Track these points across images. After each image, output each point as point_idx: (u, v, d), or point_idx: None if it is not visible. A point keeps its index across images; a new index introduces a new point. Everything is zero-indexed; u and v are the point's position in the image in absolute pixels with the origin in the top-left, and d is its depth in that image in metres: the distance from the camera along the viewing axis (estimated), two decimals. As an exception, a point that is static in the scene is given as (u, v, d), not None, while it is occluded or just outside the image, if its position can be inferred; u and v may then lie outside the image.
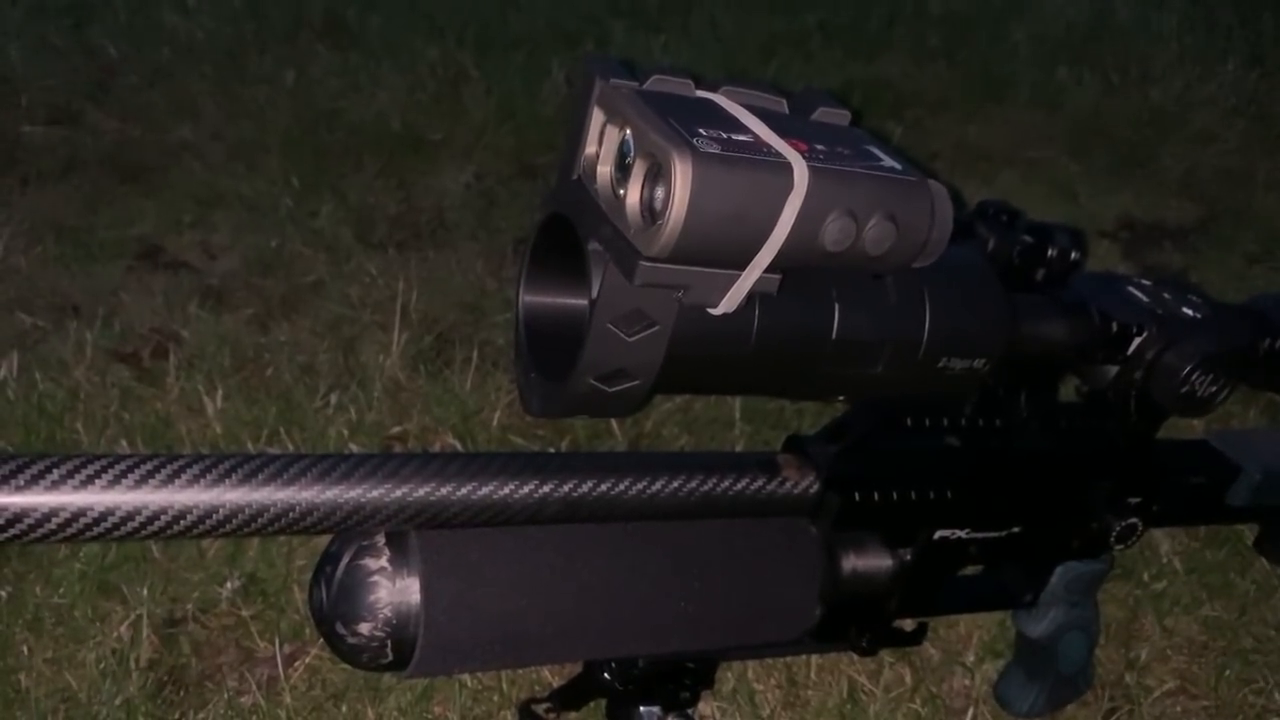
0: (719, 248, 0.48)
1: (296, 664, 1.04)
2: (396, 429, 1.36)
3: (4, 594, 1.09)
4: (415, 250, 1.77)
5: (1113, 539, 0.78)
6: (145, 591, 1.09)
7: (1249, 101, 2.40)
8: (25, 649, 1.04)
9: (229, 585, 1.12)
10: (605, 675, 0.76)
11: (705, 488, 0.64)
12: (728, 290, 0.50)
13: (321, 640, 1.03)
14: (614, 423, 1.37)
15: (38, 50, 2.30)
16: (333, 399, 1.38)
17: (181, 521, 0.53)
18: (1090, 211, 2.00)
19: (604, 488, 0.61)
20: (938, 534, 0.72)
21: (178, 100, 2.17)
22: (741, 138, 0.48)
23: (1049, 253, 0.70)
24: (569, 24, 2.52)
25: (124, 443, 1.29)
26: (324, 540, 0.59)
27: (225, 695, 1.01)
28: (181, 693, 1.03)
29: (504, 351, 1.52)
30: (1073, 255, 0.71)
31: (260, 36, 2.40)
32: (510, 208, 1.91)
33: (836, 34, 2.60)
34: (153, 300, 1.59)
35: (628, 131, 0.50)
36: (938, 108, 2.35)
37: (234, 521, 0.54)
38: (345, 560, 0.59)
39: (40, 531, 0.50)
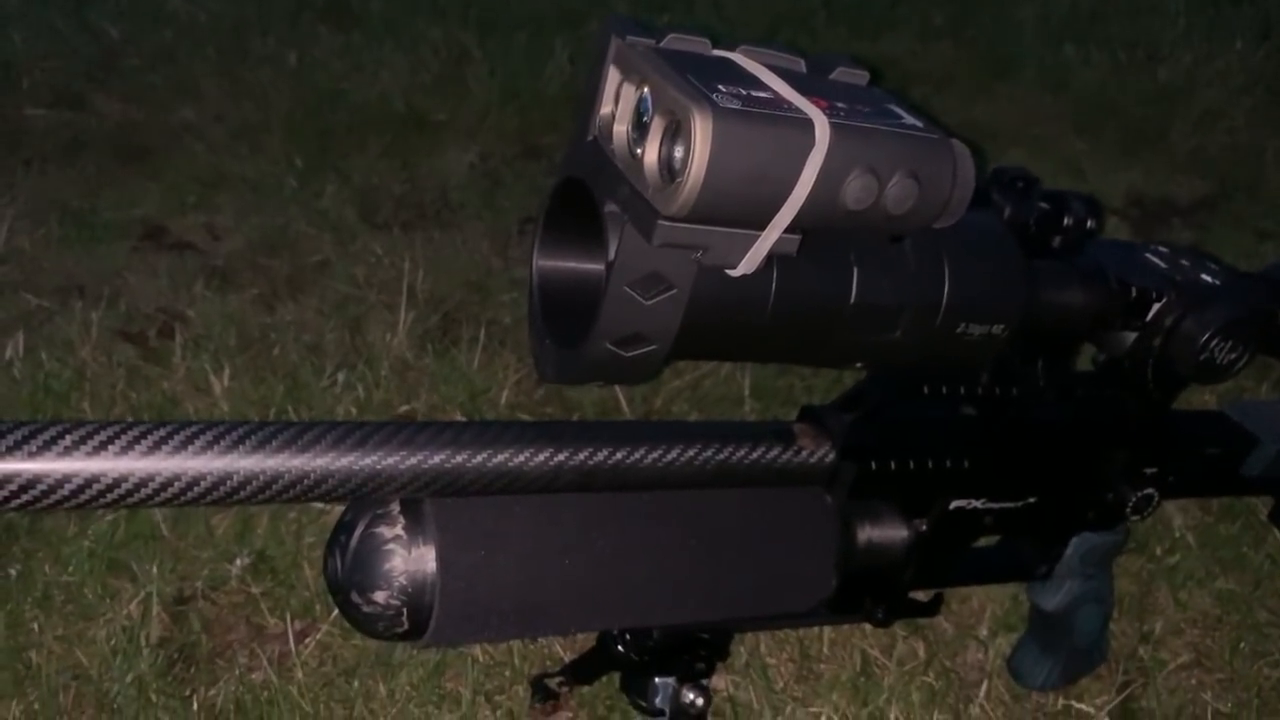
0: (739, 206, 0.47)
1: (307, 640, 1.04)
2: (404, 407, 1.36)
3: (14, 572, 1.08)
4: (420, 230, 1.76)
5: (1128, 510, 0.78)
6: (154, 569, 1.08)
7: (1257, 78, 2.39)
8: (35, 626, 1.03)
9: (238, 563, 1.11)
10: (620, 647, 0.75)
11: (720, 457, 0.63)
12: (747, 250, 0.50)
13: (333, 616, 1.03)
14: (623, 399, 1.36)
15: (40, 33, 2.28)
16: (340, 378, 1.38)
17: (194, 489, 0.52)
18: (1098, 189, 1.98)
19: (619, 456, 0.61)
20: (953, 504, 0.72)
21: (180, 82, 2.16)
22: (761, 94, 0.48)
23: (1065, 220, 0.70)
24: (572, 3, 2.50)
25: (131, 422, 1.29)
26: (335, 518, 0.59)
27: (236, 672, 1.01)
28: (192, 669, 1.02)
29: (511, 330, 1.51)
30: (1089, 223, 0.71)
31: (262, 18, 2.39)
32: (515, 188, 1.90)
33: (841, 12, 2.58)
34: (158, 281, 1.59)
35: (645, 89, 0.49)
36: (944, 86, 2.34)
37: (247, 489, 0.53)
38: (360, 529, 0.58)
39: (52, 499, 0.50)
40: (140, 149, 1.96)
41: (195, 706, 0.98)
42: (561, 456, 0.59)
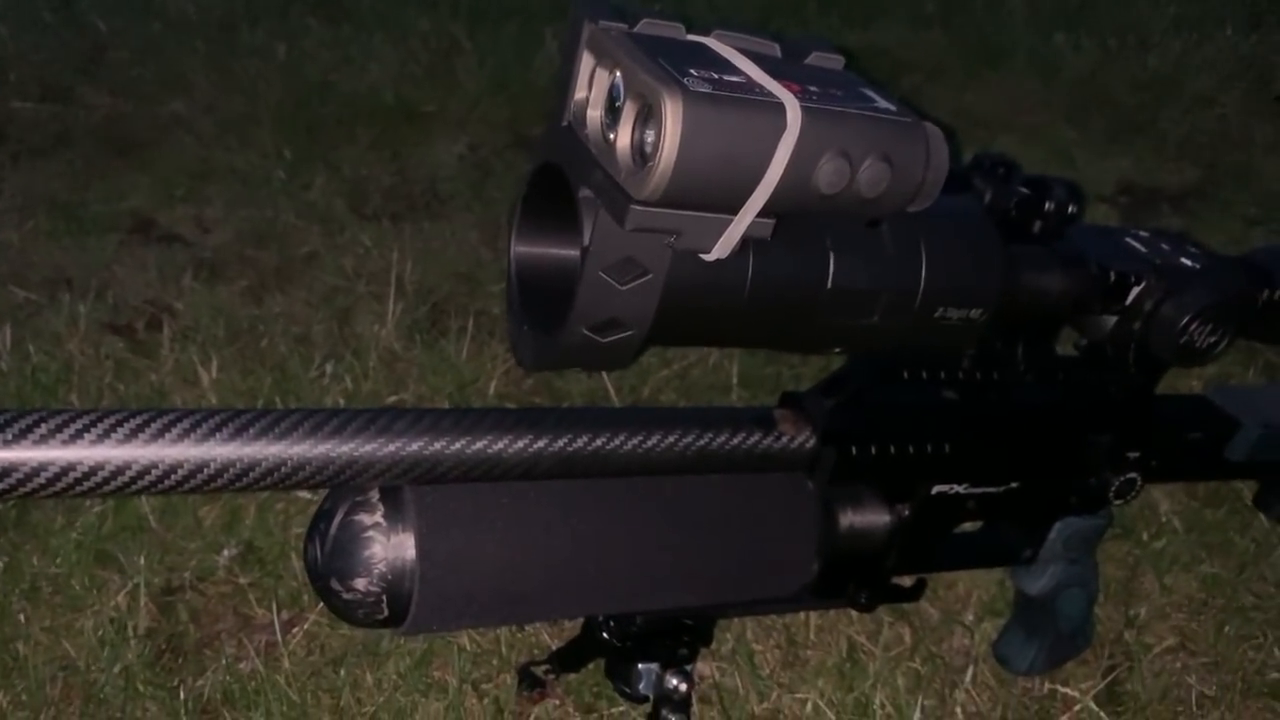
0: (711, 190, 0.47)
1: (295, 630, 1.04)
2: (393, 398, 1.36)
3: (1, 564, 1.08)
4: (409, 221, 1.76)
5: (1111, 494, 0.78)
6: (142, 560, 1.08)
7: (1247, 65, 2.39)
8: (23, 618, 1.03)
9: (226, 553, 1.11)
10: (603, 634, 0.76)
11: (701, 443, 0.63)
12: (721, 235, 0.50)
13: (320, 606, 1.03)
14: (611, 389, 1.36)
15: (27, 26, 2.28)
16: (328, 369, 1.38)
17: (171, 477, 0.52)
18: (1088, 176, 1.99)
19: (599, 443, 0.61)
20: (935, 489, 0.72)
21: (169, 75, 2.15)
22: (733, 78, 0.48)
23: (1046, 205, 0.70)
24: (562, -7, 2.50)
25: (119, 414, 1.29)
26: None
27: (224, 662, 1.01)
28: (180, 660, 1.02)
29: (500, 321, 1.51)
30: (1070, 208, 0.71)
31: (251, 10, 2.38)
32: (505, 178, 1.89)
33: (832, 1, 2.58)
34: (146, 273, 1.59)
35: (617, 74, 0.49)
36: (935, 75, 2.34)
37: (224, 477, 0.53)
38: (339, 516, 0.58)
39: (27, 487, 0.50)
40: (129, 142, 1.95)
41: (183, 696, 0.98)
42: (541, 443, 0.59)
